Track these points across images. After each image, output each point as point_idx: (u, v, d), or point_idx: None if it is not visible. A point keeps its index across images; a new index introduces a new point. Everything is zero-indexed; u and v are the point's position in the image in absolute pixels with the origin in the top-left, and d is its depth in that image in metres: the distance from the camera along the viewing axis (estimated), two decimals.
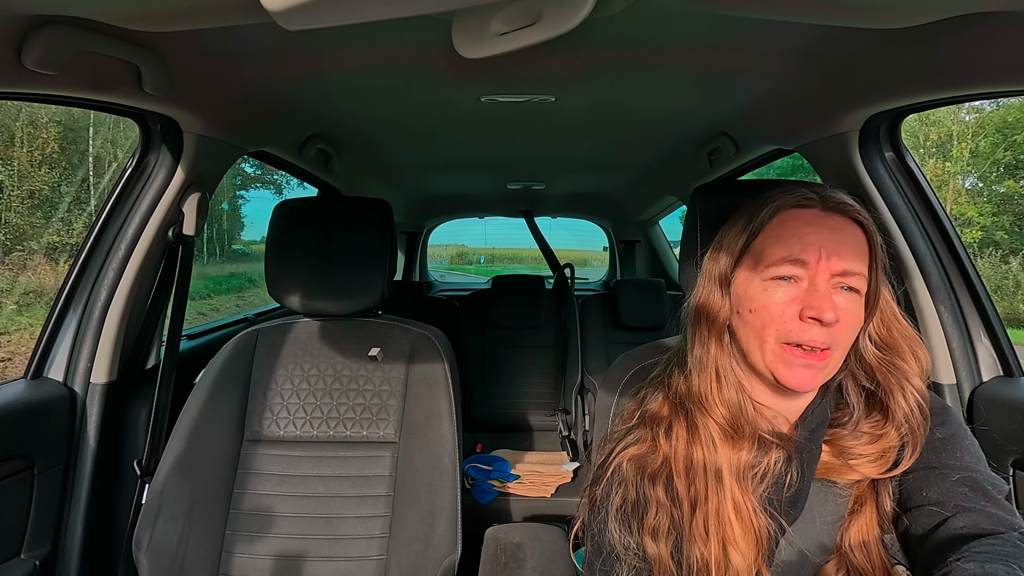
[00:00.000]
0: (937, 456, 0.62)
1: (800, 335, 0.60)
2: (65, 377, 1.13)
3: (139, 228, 1.16)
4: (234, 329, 1.70)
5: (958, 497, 0.58)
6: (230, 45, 0.96)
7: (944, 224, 1.08)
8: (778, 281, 0.62)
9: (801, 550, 0.63)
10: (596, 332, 2.58)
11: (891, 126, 1.08)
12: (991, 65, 0.74)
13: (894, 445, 0.63)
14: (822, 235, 0.61)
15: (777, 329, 0.62)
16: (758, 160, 1.60)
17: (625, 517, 0.67)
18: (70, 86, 0.83)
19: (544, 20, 0.50)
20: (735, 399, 0.65)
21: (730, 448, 0.65)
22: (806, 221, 0.63)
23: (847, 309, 0.61)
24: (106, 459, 1.14)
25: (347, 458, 1.11)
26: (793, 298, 0.61)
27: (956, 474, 0.60)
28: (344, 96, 1.28)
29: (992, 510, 0.56)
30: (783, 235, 0.63)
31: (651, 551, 0.64)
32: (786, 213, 0.64)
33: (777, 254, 0.62)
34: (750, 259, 0.66)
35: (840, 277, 0.61)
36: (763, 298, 0.63)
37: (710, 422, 0.66)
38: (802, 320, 0.60)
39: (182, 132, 1.14)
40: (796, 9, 0.65)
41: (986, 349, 1.08)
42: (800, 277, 0.61)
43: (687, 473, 0.66)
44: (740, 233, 0.67)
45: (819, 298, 0.59)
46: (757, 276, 0.64)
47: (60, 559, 1.08)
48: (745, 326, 0.65)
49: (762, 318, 0.62)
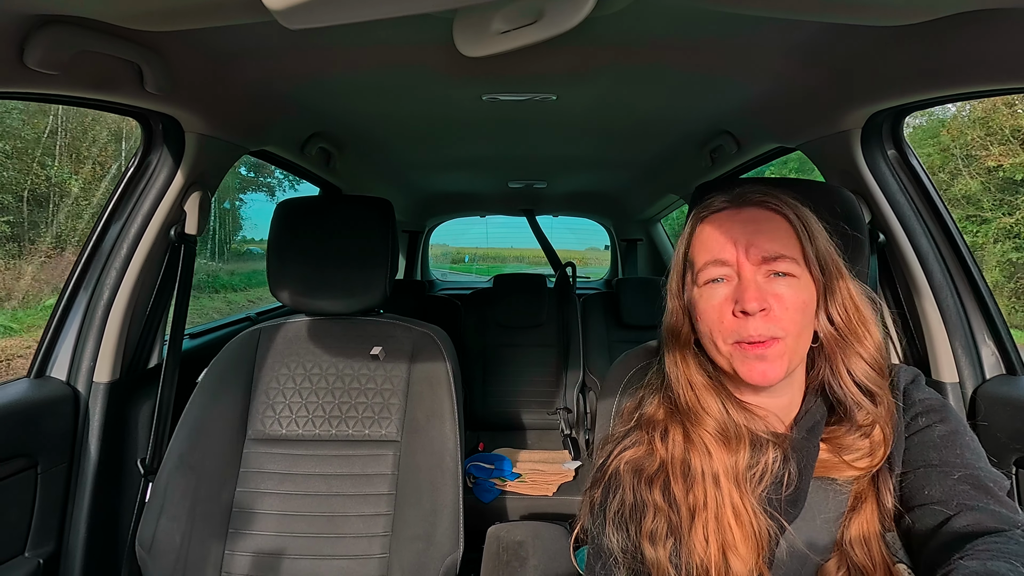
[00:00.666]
0: (938, 454, 0.62)
1: (740, 331, 0.61)
2: (68, 376, 1.13)
3: (141, 227, 1.16)
4: (236, 328, 1.70)
5: (961, 495, 0.57)
6: (231, 44, 0.96)
7: (946, 221, 1.07)
8: (711, 284, 0.64)
9: (801, 549, 0.63)
10: (598, 331, 2.58)
11: (893, 123, 1.08)
12: (993, 62, 0.74)
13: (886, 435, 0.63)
14: (736, 230, 0.64)
15: (721, 331, 0.63)
16: (760, 158, 1.60)
17: (623, 521, 0.67)
18: (72, 85, 0.83)
19: (545, 18, 0.50)
20: (716, 407, 0.66)
21: (725, 453, 0.65)
22: (720, 222, 0.66)
23: (782, 295, 0.61)
24: (109, 458, 1.14)
25: (349, 457, 1.11)
26: (726, 297, 0.63)
27: (957, 472, 0.59)
28: (345, 95, 1.28)
29: (995, 508, 0.56)
30: (705, 241, 0.66)
31: (649, 555, 0.64)
32: (706, 220, 0.67)
33: (702, 259, 0.65)
34: (689, 272, 0.68)
35: (766, 264, 0.62)
36: (703, 304, 0.65)
37: (701, 431, 0.66)
38: (735, 316, 0.61)
39: (184, 131, 1.14)
40: (798, 7, 0.65)
41: (989, 347, 1.08)
42: (729, 276, 0.63)
43: (684, 478, 0.66)
44: (678, 250, 0.71)
45: (743, 290, 0.61)
46: (695, 286, 0.67)
47: (64, 557, 1.09)
48: (702, 336, 0.67)
49: (707, 324, 0.64)
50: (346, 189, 2.12)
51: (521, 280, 2.59)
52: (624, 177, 2.42)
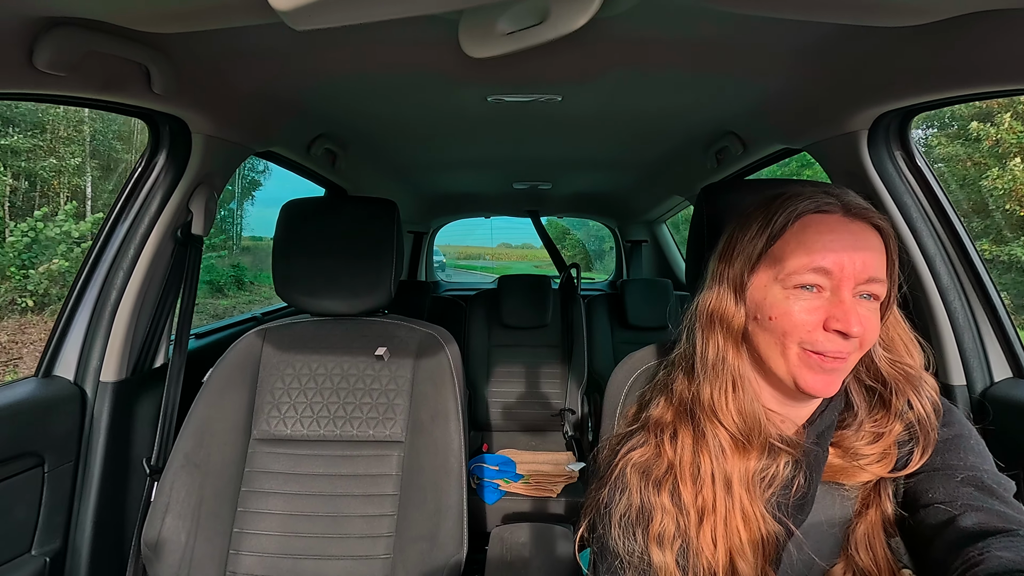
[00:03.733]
0: (941, 457, 0.61)
1: (824, 345, 0.59)
2: (75, 375, 1.14)
3: (148, 228, 1.17)
4: (242, 328, 1.71)
5: (965, 496, 0.57)
6: (238, 46, 0.96)
7: (954, 223, 1.07)
8: (800, 290, 0.60)
9: (808, 554, 0.63)
10: (602, 332, 2.58)
11: (900, 125, 1.07)
12: (1001, 64, 0.73)
13: (894, 441, 0.63)
14: (845, 242, 0.59)
15: (801, 337, 0.60)
16: (766, 159, 1.59)
17: (629, 524, 0.66)
18: (80, 87, 0.84)
19: (551, 19, 0.50)
20: (752, 408, 0.64)
21: (740, 457, 0.64)
22: (829, 228, 0.61)
23: (868, 318, 0.60)
24: (115, 457, 1.15)
25: (354, 457, 1.12)
26: (816, 307, 0.60)
27: (961, 474, 0.59)
28: (351, 96, 1.28)
29: (1001, 508, 0.55)
30: (805, 242, 0.61)
31: (656, 559, 0.63)
32: (807, 218, 0.62)
33: (799, 262, 0.60)
34: (768, 264, 0.63)
35: (863, 285, 0.59)
36: (784, 306, 0.61)
37: (720, 431, 0.64)
38: (826, 331, 0.59)
39: (191, 132, 1.14)
40: (805, 7, 0.64)
41: (997, 350, 1.07)
42: (823, 286, 0.60)
43: (694, 482, 0.65)
44: (756, 237, 0.64)
45: (844, 310, 0.58)
46: (778, 284, 0.62)
47: (70, 555, 1.09)
48: (764, 332, 0.63)
49: (783, 326, 0.61)
50: (351, 190, 2.12)
51: (526, 281, 2.59)
52: (629, 178, 2.41)
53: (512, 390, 2.43)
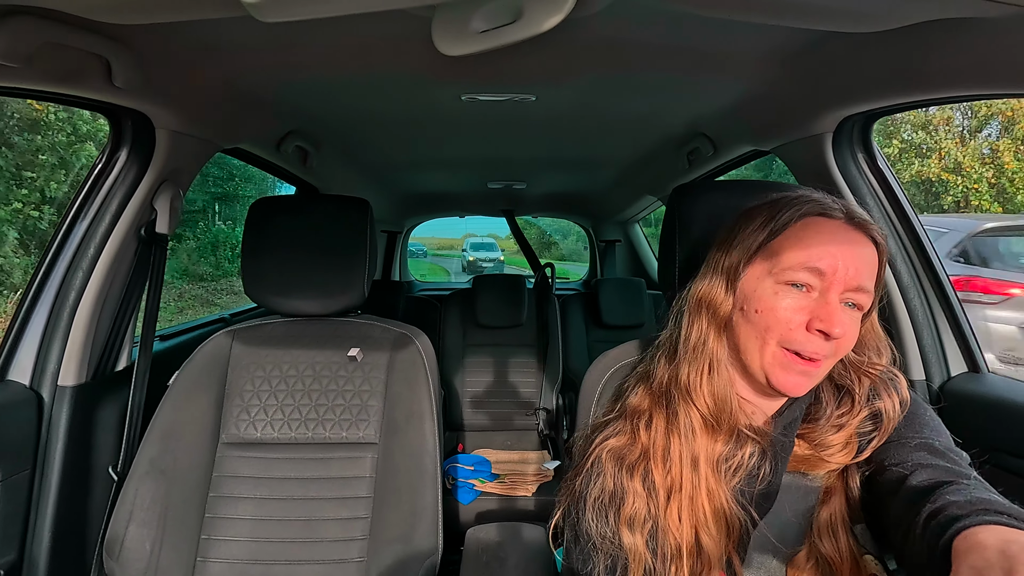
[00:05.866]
0: (896, 432, 0.64)
1: (803, 344, 0.61)
2: (31, 380, 1.09)
3: (109, 226, 1.13)
4: (209, 329, 1.66)
5: (917, 458, 0.59)
6: (205, 39, 0.93)
7: (914, 224, 1.11)
8: (790, 287, 0.62)
9: (772, 541, 0.64)
10: (577, 331, 2.60)
11: (863, 128, 1.11)
12: (961, 70, 0.76)
13: (855, 432, 0.65)
14: (843, 249, 0.61)
15: (781, 334, 0.62)
16: (736, 161, 1.63)
17: (602, 508, 0.67)
18: (35, 79, 0.80)
19: (525, 18, 0.50)
20: (724, 392, 0.66)
21: (708, 438, 0.66)
22: (830, 231, 0.62)
23: (850, 324, 0.61)
24: (75, 464, 1.11)
25: (327, 460, 1.10)
26: (802, 307, 0.61)
27: (915, 441, 0.62)
28: (323, 93, 1.26)
29: (949, 465, 0.58)
30: (805, 239, 0.62)
31: (627, 541, 0.65)
32: (811, 220, 0.63)
33: (796, 258, 0.61)
34: (764, 258, 0.65)
35: (851, 293, 0.61)
36: (772, 301, 0.62)
37: (693, 411, 0.66)
38: (808, 331, 0.60)
39: (154, 127, 1.11)
40: (773, 12, 0.66)
41: (954, 346, 1.11)
42: (813, 287, 0.61)
43: (664, 462, 0.67)
44: (758, 230, 0.65)
45: (829, 312, 0.60)
46: (770, 277, 0.63)
47: (27, 566, 1.05)
48: (747, 324, 0.64)
49: (767, 320, 0.62)
50: (323, 188, 2.09)
51: (500, 280, 2.59)
52: (603, 178, 2.43)
53: (487, 390, 2.42)
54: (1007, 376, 1.06)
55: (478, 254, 17.02)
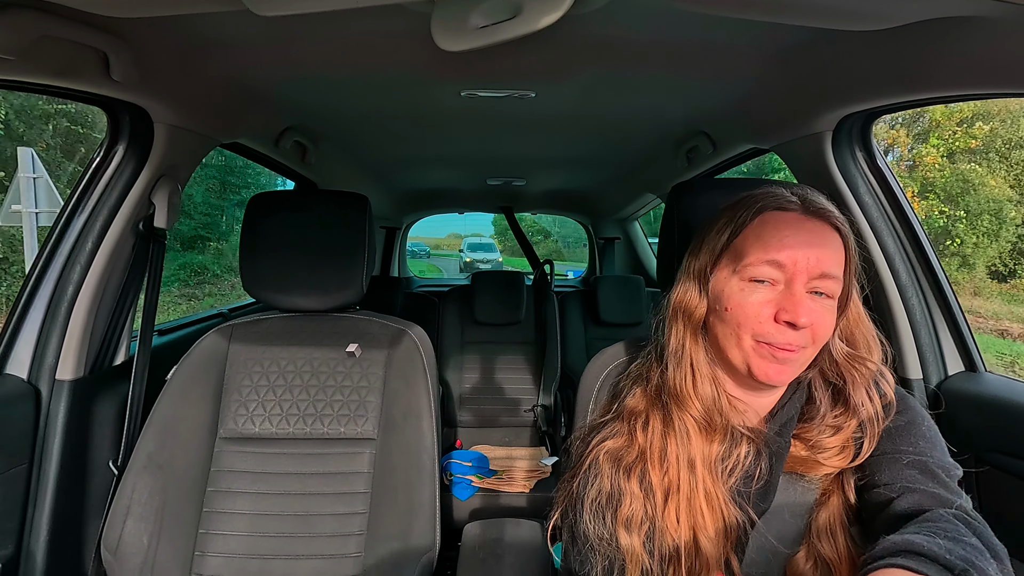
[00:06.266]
0: (892, 443, 0.64)
1: (775, 336, 0.62)
2: (29, 374, 1.09)
3: (107, 221, 1.12)
4: (207, 324, 1.66)
5: (906, 479, 0.60)
6: (204, 34, 0.93)
7: (912, 223, 1.11)
8: (755, 283, 0.63)
9: (771, 541, 0.65)
10: (575, 328, 2.60)
11: (863, 127, 1.10)
12: (961, 69, 0.76)
13: (852, 436, 0.65)
14: (800, 239, 0.62)
15: (753, 328, 0.63)
16: (735, 159, 1.63)
17: (599, 509, 0.68)
18: (32, 71, 0.80)
19: (524, 14, 0.50)
20: (709, 393, 0.67)
21: (703, 440, 0.67)
22: (786, 223, 0.63)
23: (820, 313, 0.62)
24: (73, 458, 1.11)
25: (324, 455, 1.10)
26: (768, 300, 0.62)
27: (908, 457, 0.62)
28: (322, 88, 1.26)
29: (936, 490, 0.58)
30: (763, 236, 0.64)
31: (624, 542, 0.65)
32: (767, 215, 0.65)
33: (755, 255, 0.63)
34: (729, 258, 0.66)
35: (816, 281, 0.62)
36: (739, 297, 0.64)
37: (686, 416, 0.67)
38: (776, 322, 0.62)
39: (152, 122, 1.10)
40: (773, 10, 0.66)
41: (951, 345, 1.11)
42: (777, 280, 0.63)
43: (661, 463, 0.67)
44: (721, 231, 0.68)
45: (794, 302, 0.61)
46: (735, 276, 0.65)
47: (24, 560, 1.05)
48: (722, 323, 0.66)
49: (738, 317, 0.64)
50: (322, 184, 2.08)
51: (499, 277, 2.59)
52: (602, 175, 2.43)
53: (485, 386, 2.43)
54: (1005, 375, 1.06)
55: (476, 255, 16.52)
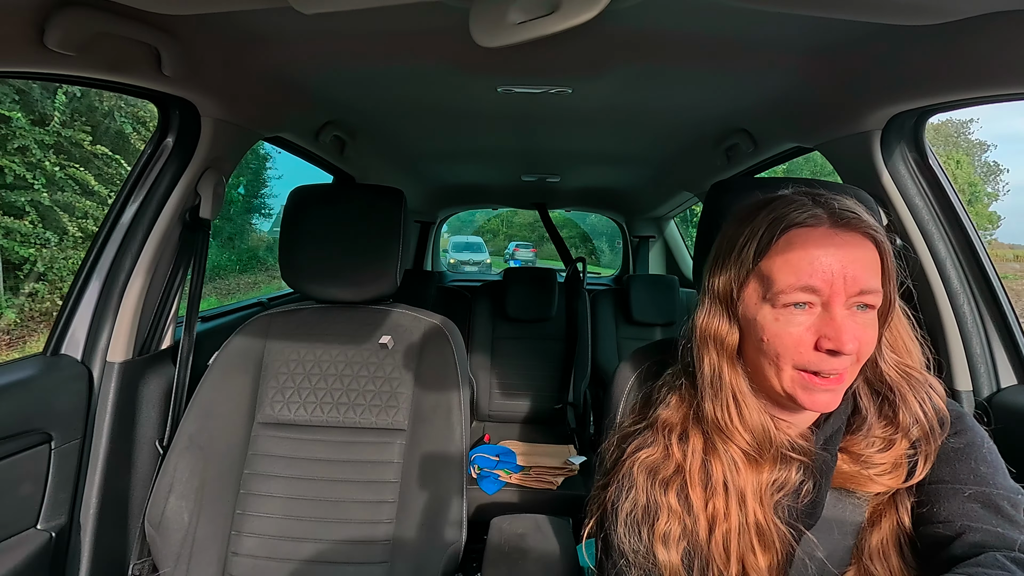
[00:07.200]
0: (950, 469, 0.60)
1: (819, 365, 0.57)
2: (82, 355, 1.15)
3: (156, 210, 1.17)
4: (248, 313, 1.72)
5: (967, 516, 0.56)
6: (250, 30, 0.96)
7: (966, 227, 1.05)
8: (791, 308, 0.58)
9: (820, 559, 0.62)
10: (606, 326, 2.58)
11: (915, 125, 1.06)
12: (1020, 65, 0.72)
13: (905, 452, 0.61)
14: (834, 257, 0.57)
15: (794, 360, 0.59)
16: (777, 157, 1.58)
17: (635, 523, 0.65)
18: (89, 67, 0.84)
19: (562, 10, 0.50)
20: (759, 422, 0.62)
21: (753, 471, 0.63)
22: (815, 242, 0.58)
23: (863, 331, 0.58)
24: (121, 435, 1.16)
25: (356, 444, 1.12)
26: (808, 327, 0.58)
27: (969, 489, 0.58)
28: (361, 84, 1.28)
29: (1000, 529, 0.54)
30: (791, 260, 0.58)
31: (662, 558, 0.63)
32: (793, 234, 0.59)
33: (787, 282, 0.58)
34: (757, 282, 0.61)
35: (856, 298, 0.57)
36: (775, 327, 0.59)
37: (731, 447, 0.63)
38: (819, 350, 0.57)
39: (200, 116, 1.14)
40: (818, 5, 0.64)
41: (1004, 356, 1.06)
42: (813, 303, 0.58)
43: (704, 488, 0.64)
44: (743, 251, 0.62)
45: (836, 328, 0.56)
46: (767, 304, 0.60)
47: (75, 531, 1.11)
48: (758, 352, 0.61)
49: (776, 348, 0.59)
50: (359, 177, 2.12)
51: (531, 273, 2.59)
52: (638, 173, 2.40)
53: (515, 382, 2.43)
54: None
55: (461, 255, 14.31)
